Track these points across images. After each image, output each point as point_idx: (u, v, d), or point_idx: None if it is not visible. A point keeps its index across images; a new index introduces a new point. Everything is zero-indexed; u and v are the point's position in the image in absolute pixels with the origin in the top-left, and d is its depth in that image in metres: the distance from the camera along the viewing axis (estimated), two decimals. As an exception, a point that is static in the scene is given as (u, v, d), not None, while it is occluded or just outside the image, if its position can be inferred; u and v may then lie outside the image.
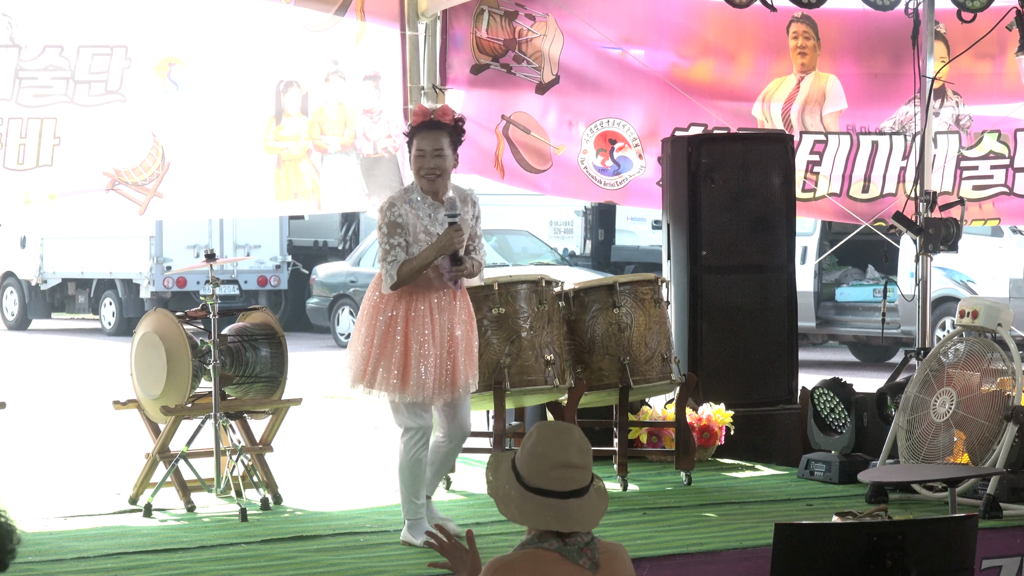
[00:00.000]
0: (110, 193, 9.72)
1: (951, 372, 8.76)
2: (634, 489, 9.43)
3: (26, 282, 29.44)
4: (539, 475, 4.49)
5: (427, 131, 7.70)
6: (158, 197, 9.80)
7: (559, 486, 4.49)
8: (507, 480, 4.54)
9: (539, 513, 4.49)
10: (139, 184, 9.75)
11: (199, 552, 7.69)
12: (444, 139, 7.68)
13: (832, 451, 9.62)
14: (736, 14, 11.18)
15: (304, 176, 10.33)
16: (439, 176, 7.68)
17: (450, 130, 7.72)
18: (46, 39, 9.52)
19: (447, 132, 7.70)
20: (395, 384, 7.59)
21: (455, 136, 7.74)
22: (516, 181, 11.25)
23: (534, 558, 4.46)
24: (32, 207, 9.68)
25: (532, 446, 4.53)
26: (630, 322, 9.44)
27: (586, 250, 28.46)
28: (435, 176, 7.67)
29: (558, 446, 4.53)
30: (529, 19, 11.00)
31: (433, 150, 7.65)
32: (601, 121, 11.32)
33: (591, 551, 4.50)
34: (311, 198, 10.42)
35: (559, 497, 4.48)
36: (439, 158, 7.66)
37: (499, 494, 4.56)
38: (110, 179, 9.71)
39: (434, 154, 7.65)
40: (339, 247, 29.06)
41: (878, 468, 8.90)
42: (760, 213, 10.74)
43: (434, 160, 7.66)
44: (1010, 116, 12.25)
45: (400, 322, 7.59)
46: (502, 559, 4.50)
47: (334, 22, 10.35)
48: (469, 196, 7.85)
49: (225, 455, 8.70)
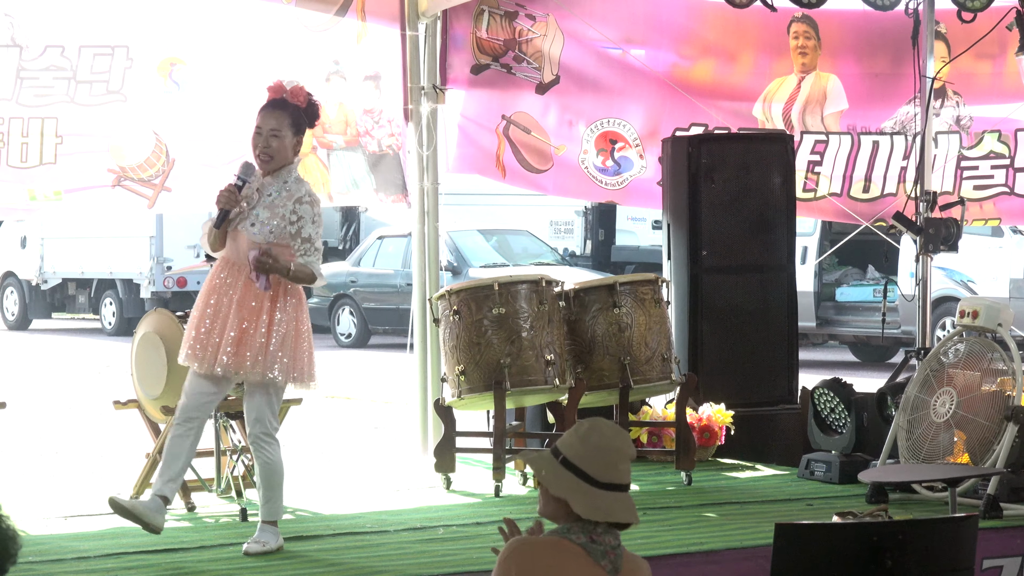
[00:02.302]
0: (117, 189, 9.74)
1: (951, 372, 8.76)
2: (634, 489, 9.38)
3: (26, 282, 29.44)
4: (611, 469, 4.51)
5: (269, 110, 7.46)
6: (166, 191, 9.84)
7: (624, 479, 4.53)
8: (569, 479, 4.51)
9: (612, 507, 4.50)
10: (145, 180, 9.78)
11: (199, 552, 7.69)
12: (285, 120, 7.42)
13: (832, 451, 9.62)
14: (736, 14, 11.19)
15: (312, 170, 10.35)
16: (271, 158, 7.42)
17: (295, 112, 7.45)
18: (47, 39, 9.53)
19: (290, 113, 7.43)
20: (186, 352, 7.49)
21: (302, 119, 7.48)
22: (518, 181, 11.26)
23: (557, 547, 4.47)
24: (38, 203, 9.71)
25: (596, 442, 4.53)
26: (630, 322, 9.44)
27: (586, 250, 28.45)
28: (267, 158, 7.43)
29: (619, 440, 4.56)
30: (529, 19, 11.00)
31: (269, 130, 7.42)
32: (602, 121, 11.32)
33: (615, 556, 4.50)
34: (321, 191, 10.44)
35: (623, 490, 4.53)
36: (274, 138, 7.41)
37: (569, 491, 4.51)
38: (116, 176, 9.73)
39: (270, 134, 7.42)
40: (339, 247, 29.06)
41: (878, 468, 8.90)
42: (760, 213, 10.74)
43: (268, 140, 7.42)
44: (1010, 116, 12.25)
45: (205, 287, 7.53)
46: (526, 539, 4.52)
47: (335, 22, 10.36)
48: (303, 197, 7.46)
49: (225, 455, 8.71)
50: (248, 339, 7.37)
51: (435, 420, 10.03)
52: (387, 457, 10.81)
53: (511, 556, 4.44)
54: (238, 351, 7.38)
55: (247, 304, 7.40)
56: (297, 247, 7.42)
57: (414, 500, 9.08)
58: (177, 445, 7.54)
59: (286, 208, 7.42)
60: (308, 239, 7.44)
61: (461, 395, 9.20)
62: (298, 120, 7.48)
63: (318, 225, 7.51)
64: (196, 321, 7.49)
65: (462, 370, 9.15)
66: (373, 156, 10.55)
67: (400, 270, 23.94)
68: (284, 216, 7.42)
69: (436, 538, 8.00)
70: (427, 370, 10.60)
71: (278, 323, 7.43)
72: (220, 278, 7.48)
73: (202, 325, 7.44)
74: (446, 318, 9.25)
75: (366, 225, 28.50)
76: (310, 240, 7.45)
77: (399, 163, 10.61)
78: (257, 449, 7.52)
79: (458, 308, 9.19)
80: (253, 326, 7.38)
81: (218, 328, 7.41)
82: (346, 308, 25.46)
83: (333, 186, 10.47)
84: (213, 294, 7.48)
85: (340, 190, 10.54)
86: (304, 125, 7.53)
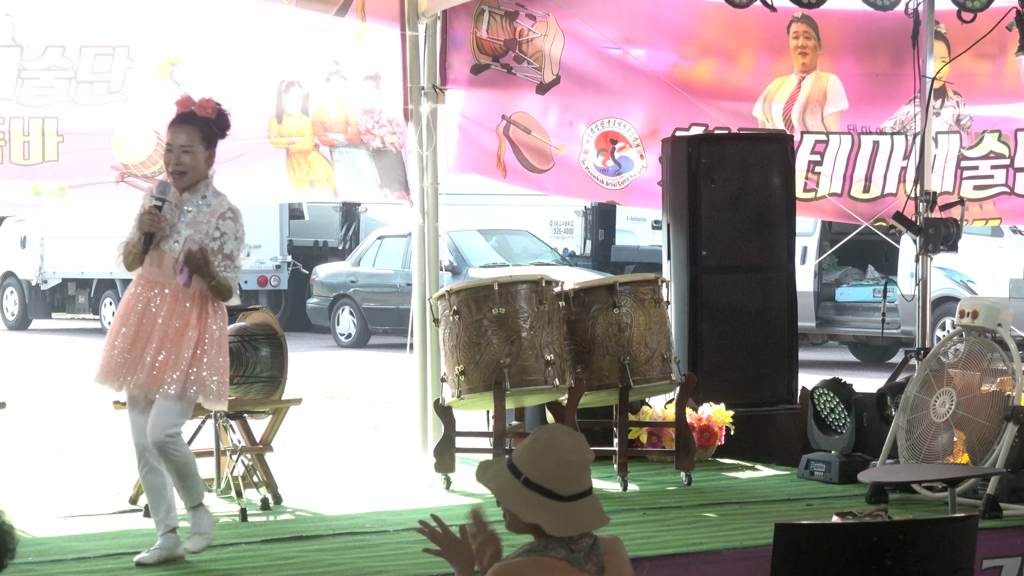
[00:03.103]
0: (120, 185, 9.75)
1: (951, 372, 8.76)
2: (634, 489, 9.43)
3: (26, 282, 29.45)
4: (574, 481, 4.46)
5: (178, 125, 7.31)
6: None
7: (587, 485, 4.49)
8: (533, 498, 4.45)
9: (582, 517, 4.46)
10: (148, 176, 9.79)
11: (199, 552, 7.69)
12: (195, 134, 7.27)
13: (832, 451, 9.62)
14: (737, 14, 11.19)
15: (316, 165, 10.36)
16: (183, 174, 7.28)
17: (205, 125, 7.31)
18: (48, 39, 9.54)
19: (200, 127, 7.29)
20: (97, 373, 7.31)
21: (213, 132, 7.34)
22: (518, 181, 11.26)
23: (540, 566, 4.43)
24: (43, 199, 9.74)
25: (557, 456, 4.47)
26: (630, 322, 9.44)
27: (586, 250, 28.46)
28: (179, 174, 7.28)
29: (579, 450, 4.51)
30: (530, 19, 11.00)
31: (180, 146, 7.27)
32: (602, 121, 11.33)
33: (596, 555, 4.48)
34: (326, 185, 10.45)
35: (588, 495, 4.48)
36: (186, 154, 7.26)
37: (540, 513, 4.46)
38: (119, 172, 9.75)
39: (181, 150, 7.26)
40: (339, 247, 29.05)
41: (878, 468, 8.90)
42: (760, 213, 10.74)
43: (180, 156, 7.27)
44: (1010, 116, 12.26)
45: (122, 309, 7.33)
46: (507, 565, 4.47)
47: (335, 22, 10.37)
48: (226, 212, 7.32)
49: (225, 455, 8.71)
50: (168, 361, 7.19)
51: (435, 420, 10.04)
52: (387, 457, 10.81)
53: None
54: (153, 372, 7.18)
55: (172, 324, 7.22)
56: (218, 263, 7.26)
57: (414, 500, 9.08)
58: (151, 480, 7.38)
59: (209, 224, 7.27)
60: (230, 256, 7.29)
61: (461, 395, 9.20)
62: (209, 133, 7.33)
63: (240, 241, 7.35)
64: (117, 341, 7.26)
65: (462, 370, 9.15)
66: (376, 151, 10.57)
67: (400, 270, 23.95)
68: (207, 232, 7.26)
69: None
70: (427, 370, 10.60)
71: (208, 342, 7.27)
72: (142, 297, 7.28)
73: (124, 344, 7.23)
74: (446, 318, 9.25)
75: (366, 225, 28.49)
76: (231, 257, 7.30)
77: (401, 160, 10.62)
78: (164, 454, 7.26)
79: (458, 308, 9.19)
80: (175, 347, 7.20)
81: (139, 348, 7.20)
82: (346, 308, 25.47)
83: (338, 181, 10.48)
84: (133, 314, 7.27)
85: (345, 185, 10.54)
86: (216, 137, 7.36)
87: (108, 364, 7.28)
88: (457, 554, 4.62)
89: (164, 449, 7.28)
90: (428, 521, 4.68)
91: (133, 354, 7.24)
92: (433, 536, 4.64)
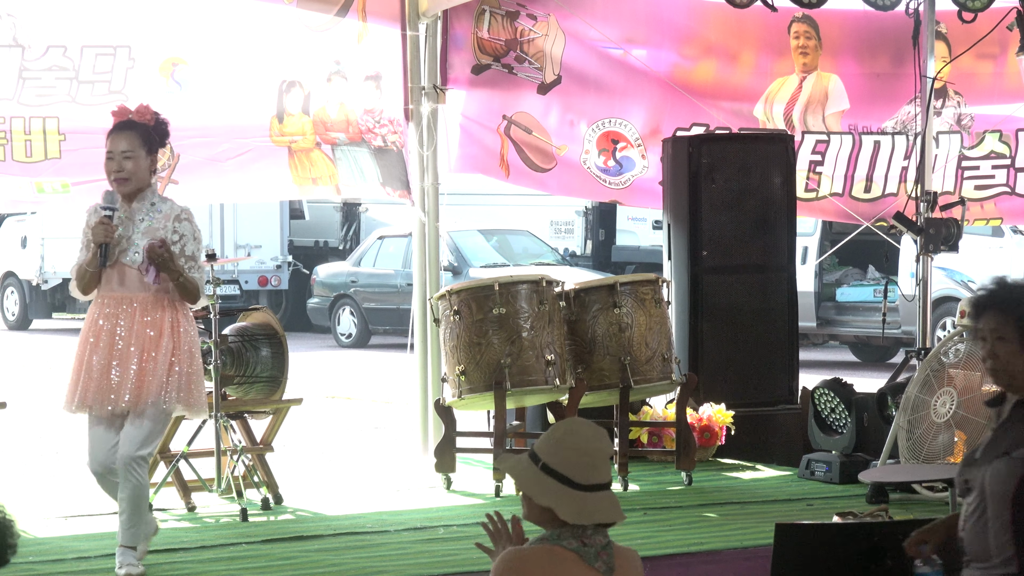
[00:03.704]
0: None
1: (952, 372, 8.75)
2: (634, 489, 9.43)
3: (27, 282, 29.43)
4: (592, 471, 4.49)
5: (117, 132, 7.20)
6: (173, 184, 9.84)
7: (606, 477, 4.51)
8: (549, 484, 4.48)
9: (598, 508, 4.48)
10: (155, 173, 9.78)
11: (199, 552, 7.70)
12: (136, 140, 7.16)
13: (832, 451, 9.62)
14: (737, 14, 11.19)
15: (318, 163, 10.36)
16: (127, 180, 7.14)
17: (144, 131, 7.21)
18: (49, 39, 9.54)
19: (139, 133, 7.18)
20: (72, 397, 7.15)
21: (153, 138, 7.23)
22: (522, 180, 11.25)
23: (550, 554, 4.45)
24: (46, 196, 9.74)
25: (575, 444, 4.50)
26: (631, 322, 9.44)
27: (587, 250, 28.44)
28: (123, 180, 7.14)
29: (597, 440, 4.54)
30: (531, 19, 11.00)
31: (121, 152, 7.14)
32: (603, 121, 11.32)
33: (607, 555, 4.49)
34: (329, 183, 10.45)
35: (606, 488, 4.51)
36: (128, 160, 7.14)
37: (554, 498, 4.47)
38: None
39: (123, 156, 7.14)
40: (340, 247, 29.04)
41: (879, 468, 8.90)
42: (760, 213, 10.74)
43: (122, 163, 7.14)
44: (1011, 116, 12.26)
45: (88, 330, 7.19)
46: (518, 551, 4.50)
47: (335, 23, 10.37)
48: (180, 214, 7.22)
49: (226, 455, 8.71)
50: (149, 373, 7.08)
51: (435, 420, 10.04)
52: (387, 457, 10.81)
53: (505, 569, 4.43)
54: (139, 387, 7.07)
55: (146, 333, 7.11)
56: (182, 265, 7.16)
57: (414, 500, 9.09)
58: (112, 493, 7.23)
59: (166, 229, 7.17)
60: (192, 256, 7.18)
61: (461, 395, 9.20)
62: (149, 139, 7.23)
63: (198, 242, 7.26)
64: (85, 365, 7.14)
65: (462, 370, 9.15)
66: (378, 150, 10.57)
67: (400, 270, 23.94)
68: (166, 238, 7.15)
69: (436, 538, 8.00)
70: (427, 370, 10.60)
71: (180, 352, 7.15)
72: (110, 317, 7.15)
73: (100, 368, 7.10)
74: (446, 318, 9.25)
75: (366, 225, 28.47)
76: (194, 258, 7.20)
77: (402, 159, 10.62)
78: (129, 472, 7.10)
79: (458, 308, 9.19)
80: (153, 358, 7.10)
81: (122, 369, 7.08)
82: (346, 308, 25.45)
83: (341, 178, 10.48)
84: (103, 336, 7.14)
85: (347, 182, 10.54)
86: (156, 145, 7.26)
87: (86, 391, 7.11)
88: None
89: (131, 468, 7.10)
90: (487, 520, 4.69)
91: (112, 376, 7.09)
92: (497, 534, 4.65)
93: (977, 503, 4.93)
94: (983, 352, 5.03)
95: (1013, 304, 4.96)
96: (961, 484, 5.02)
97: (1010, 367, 4.96)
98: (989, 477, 4.91)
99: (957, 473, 5.07)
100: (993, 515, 4.89)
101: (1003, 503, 4.87)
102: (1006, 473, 4.88)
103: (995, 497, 4.88)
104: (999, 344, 4.95)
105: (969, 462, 5.03)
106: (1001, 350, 4.95)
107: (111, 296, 7.18)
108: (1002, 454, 4.92)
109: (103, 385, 7.10)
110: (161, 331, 7.14)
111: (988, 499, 4.90)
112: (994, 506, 4.89)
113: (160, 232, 7.15)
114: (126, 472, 7.10)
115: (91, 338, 7.17)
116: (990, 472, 4.91)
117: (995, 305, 4.98)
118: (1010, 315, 4.94)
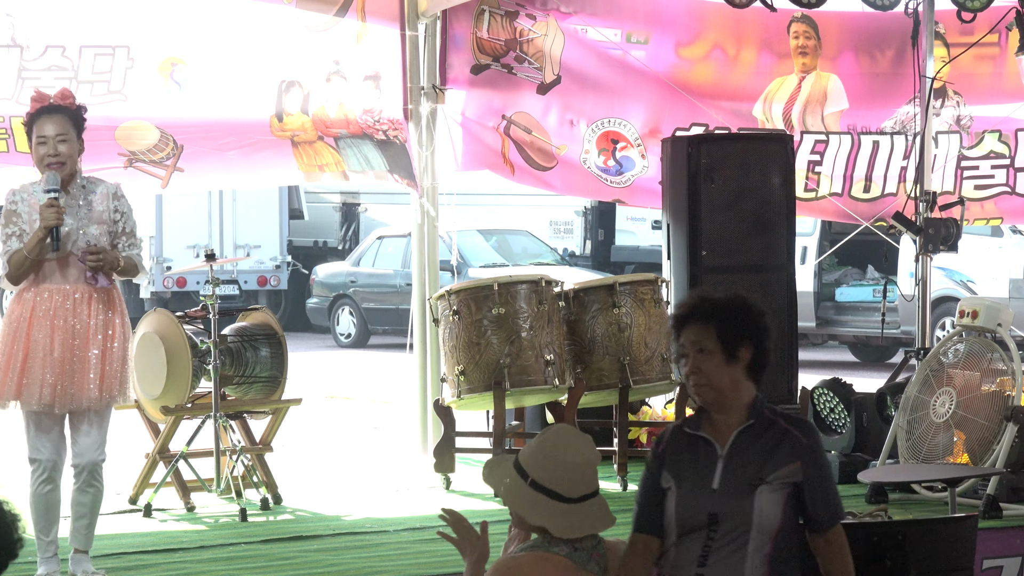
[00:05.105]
0: (129, 170, 9.75)
1: (951, 372, 8.76)
2: (634, 489, 9.42)
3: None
4: (581, 483, 4.47)
5: (47, 116, 7.08)
6: (179, 172, 9.85)
7: (594, 486, 4.50)
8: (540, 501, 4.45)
9: (588, 519, 4.47)
10: (157, 162, 9.80)
11: (199, 552, 7.70)
12: (67, 123, 7.06)
13: (832, 451, 9.62)
14: (737, 14, 11.19)
15: (323, 152, 10.38)
16: (63, 164, 7.03)
17: (73, 114, 7.11)
18: (48, 39, 9.54)
19: (69, 116, 7.09)
20: (12, 389, 6.97)
21: (80, 121, 7.13)
22: (525, 178, 11.25)
23: (543, 561, 4.44)
24: None
25: (563, 458, 4.47)
26: (630, 322, 9.44)
27: (586, 250, 28.45)
28: (59, 163, 7.03)
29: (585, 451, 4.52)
30: (530, 19, 11.00)
31: (55, 136, 7.03)
32: (603, 121, 11.32)
33: (600, 555, 4.49)
34: (336, 170, 10.46)
35: (595, 496, 4.49)
36: (63, 143, 7.04)
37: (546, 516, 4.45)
38: (127, 158, 9.76)
39: (57, 140, 7.03)
40: (339, 247, 29.04)
41: (878, 468, 8.90)
42: (760, 213, 10.72)
43: (57, 146, 7.03)
44: (1011, 116, 12.25)
45: (25, 321, 6.98)
46: (512, 558, 4.49)
47: (335, 23, 10.37)
48: (116, 191, 7.17)
49: (225, 455, 8.71)
50: (85, 365, 6.97)
51: (435, 420, 10.04)
52: (387, 457, 10.81)
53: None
54: (77, 380, 6.97)
55: (78, 329, 6.98)
56: (123, 244, 7.10)
57: (413, 500, 9.09)
58: (53, 498, 7.10)
59: (108, 209, 7.10)
60: (131, 233, 7.13)
61: (461, 395, 9.20)
62: (78, 122, 7.13)
63: (132, 213, 7.20)
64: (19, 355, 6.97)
65: (462, 370, 9.15)
66: (381, 142, 10.57)
67: (400, 270, 23.94)
68: (109, 218, 7.10)
69: (436, 538, 7.97)
70: (427, 370, 10.60)
71: (115, 343, 7.07)
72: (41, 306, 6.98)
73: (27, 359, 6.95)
74: (446, 318, 9.25)
75: (366, 225, 28.47)
76: (133, 234, 7.16)
77: (407, 151, 10.62)
78: (92, 479, 7.05)
79: (458, 308, 9.19)
80: (88, 350, 6.98)
81: (51, 360, 6.95)
82: (346, 308, 25.45)
83: (347, 164, 10.48)
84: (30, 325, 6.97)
85: (355, 168, 10.53)
86: (82, 129, 7.15)
87: (43, 383, 6.95)
88: (472, 547, 4.63)
89: (97, 471, 7.07)
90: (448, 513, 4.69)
91: (65, 369, 6.96)
92: (456, 523, 4.64)
93: (738, 534, 4.64)
94: (685, 370, 4.70)
95: (712, 314, 4.69)
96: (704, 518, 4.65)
97: (715, 381, 4.67)
98: (759, 508, 4.63)
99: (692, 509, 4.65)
100: (755, 548, 4.65)
101: (767, 534, 4.65)
102: (773, 502, 4.66)
103: (761, 529, 4.64)
104: (700, 357, 4.66)
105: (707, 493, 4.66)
106: (704, 363, 4.66)
107: (53, 289, 7.02)
108: (758, 482, 4.65)
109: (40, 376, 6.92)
110: (106, 319, 7.03)
111: (754, 530, 4.64)
112: (759, 538, 4.65)
113: (104, 213, 7.06)
114: (90, 478, 7.05)
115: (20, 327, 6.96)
116: (757, 503, 4.63)
117: (694, 317, 4.70)
118: (711, 325, 4.67)
